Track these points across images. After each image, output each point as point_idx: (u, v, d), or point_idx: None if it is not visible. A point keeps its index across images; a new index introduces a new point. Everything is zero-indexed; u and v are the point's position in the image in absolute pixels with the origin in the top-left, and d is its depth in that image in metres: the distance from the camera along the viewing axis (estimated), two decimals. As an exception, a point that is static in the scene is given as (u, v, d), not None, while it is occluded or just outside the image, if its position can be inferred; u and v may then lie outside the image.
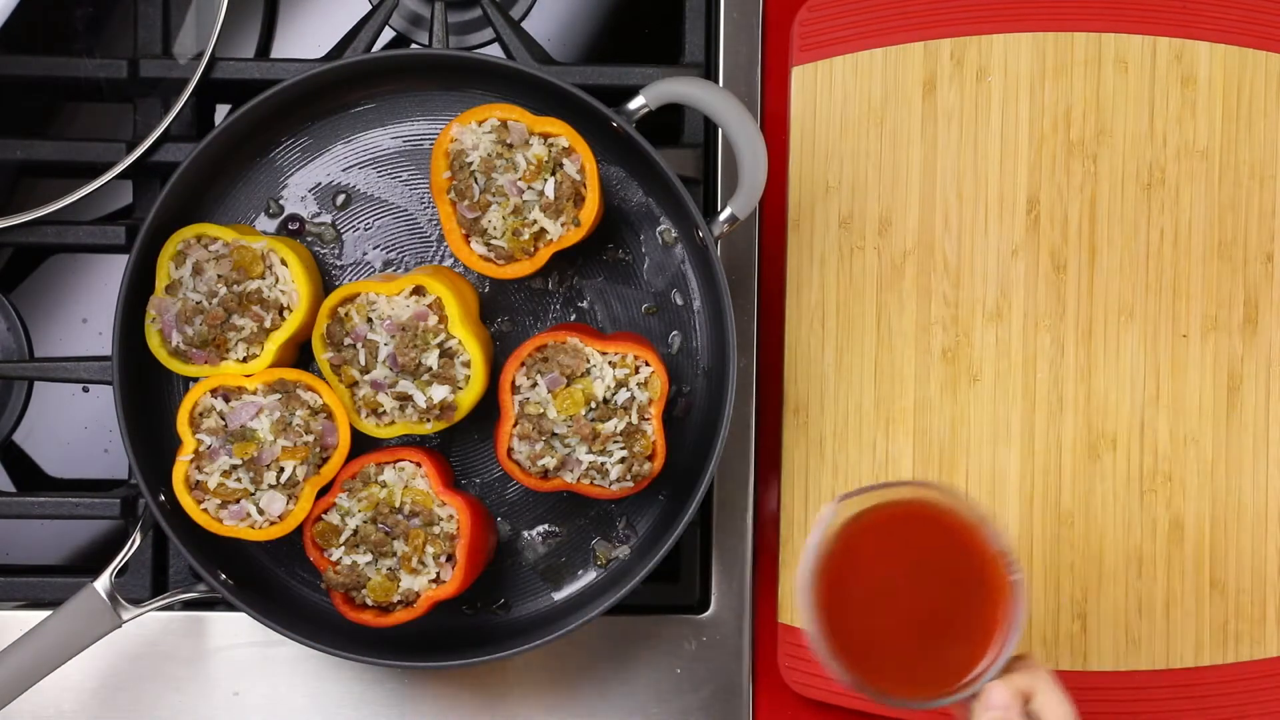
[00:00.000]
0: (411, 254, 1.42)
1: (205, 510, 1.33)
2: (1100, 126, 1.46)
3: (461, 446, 1.42)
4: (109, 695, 1.43)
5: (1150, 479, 1.45)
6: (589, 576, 1.42)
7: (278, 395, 1.33)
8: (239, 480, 1.32)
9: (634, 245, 1.42)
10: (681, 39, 1.48)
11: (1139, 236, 1.46)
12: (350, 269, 1.42)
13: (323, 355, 1.35)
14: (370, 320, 1.33)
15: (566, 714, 1.44)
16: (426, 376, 1.33)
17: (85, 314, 1.54)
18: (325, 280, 1.42)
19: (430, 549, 1.33)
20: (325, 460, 1.34)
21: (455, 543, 1.33)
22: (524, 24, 1.53)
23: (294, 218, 1.42)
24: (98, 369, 1.38)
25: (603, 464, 1.34)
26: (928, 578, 1.21)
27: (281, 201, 1.42)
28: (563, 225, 1.35)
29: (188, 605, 1.41)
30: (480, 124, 1.35)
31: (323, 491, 1.35)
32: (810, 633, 1.19)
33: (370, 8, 1.48)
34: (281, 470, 1.32)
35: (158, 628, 1.44)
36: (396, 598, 1.34)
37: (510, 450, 1.34)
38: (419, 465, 1.35)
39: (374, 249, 1.42)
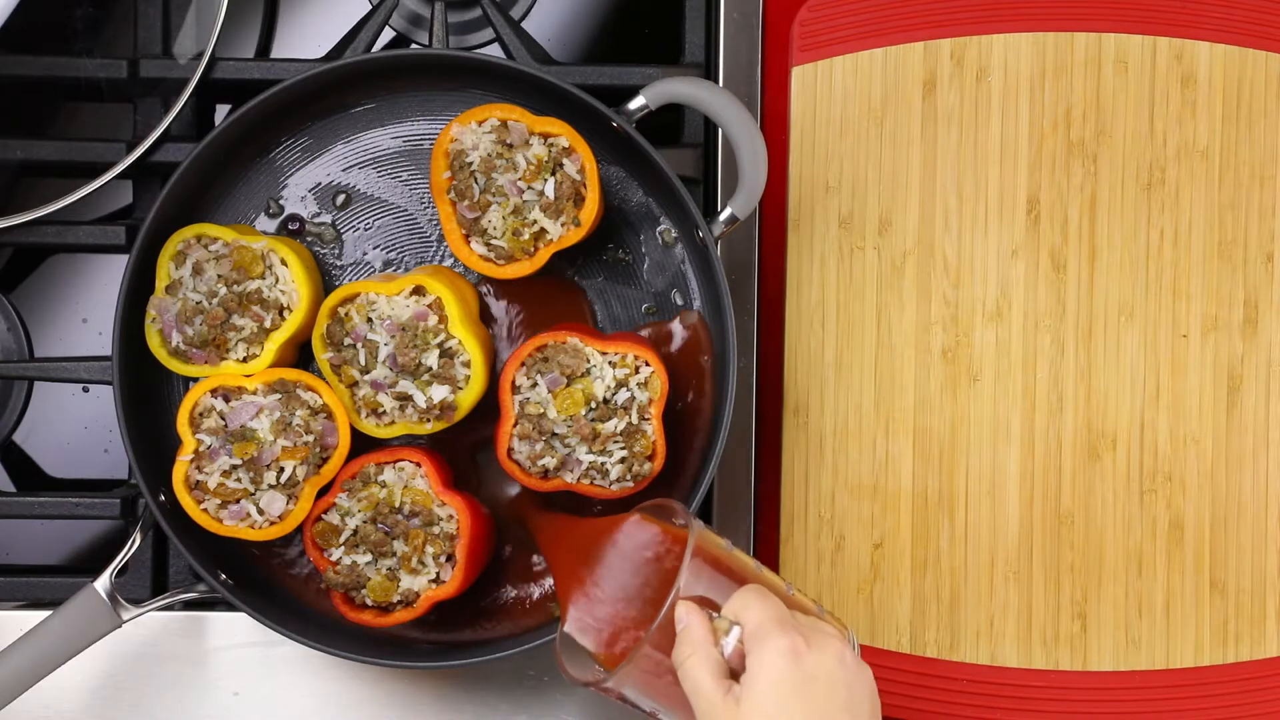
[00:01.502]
0: (411, 254, 1.42)
1: (205, 510, 1.33)
2: (1100, 126, 1.46)
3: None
4: (109, 695, 1.43)
5: (1150, 479, 1.45)
6: (589, 576, 1.42)
7: (278, 395, 1.33)
8: (239, 480, 1.32)
9: (634, 245, 1.42)
10: (681, 39, 1.48)
11: (1139, 236, 1.46)
12: (350, 269, 1.42)
13: (323, 355, 1.35)
14: (370, 320, 1.33)
15: (568, 714, 1.44)
16: (426, 376, 1.33)
17: (85, 314, 1.54)
18: (325, 280, 1.42)
19: (430, 549, 1.33)
20: (325, 460, 1.34)
21: (455, 543, 1.33)
22: (524, 24, 1.54)
23: (294, 218, 1.42)
24: (98, 369, 1.38)
25: (603, 464, 1.34)
26: (645, 570, 1.23)
27: (281, 201, 1.42)
28: (563, 225, 1.35)
29: (188, 605, 1.41)
30: (480, 124, 1.35)
31: (323, 491, 1.35)
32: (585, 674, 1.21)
33: (370, 8, 1.48)
34: (281, 470, 1.32)
35: (158, 628, 1.44)
36: (396, 598, 1.34)
37: (510, 450, 1.34)
38: (419, 465, 1.35)
39: (374, 249, 1.42)
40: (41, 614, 1.36)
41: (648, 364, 1.34)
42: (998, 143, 1.46)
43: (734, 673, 1.14)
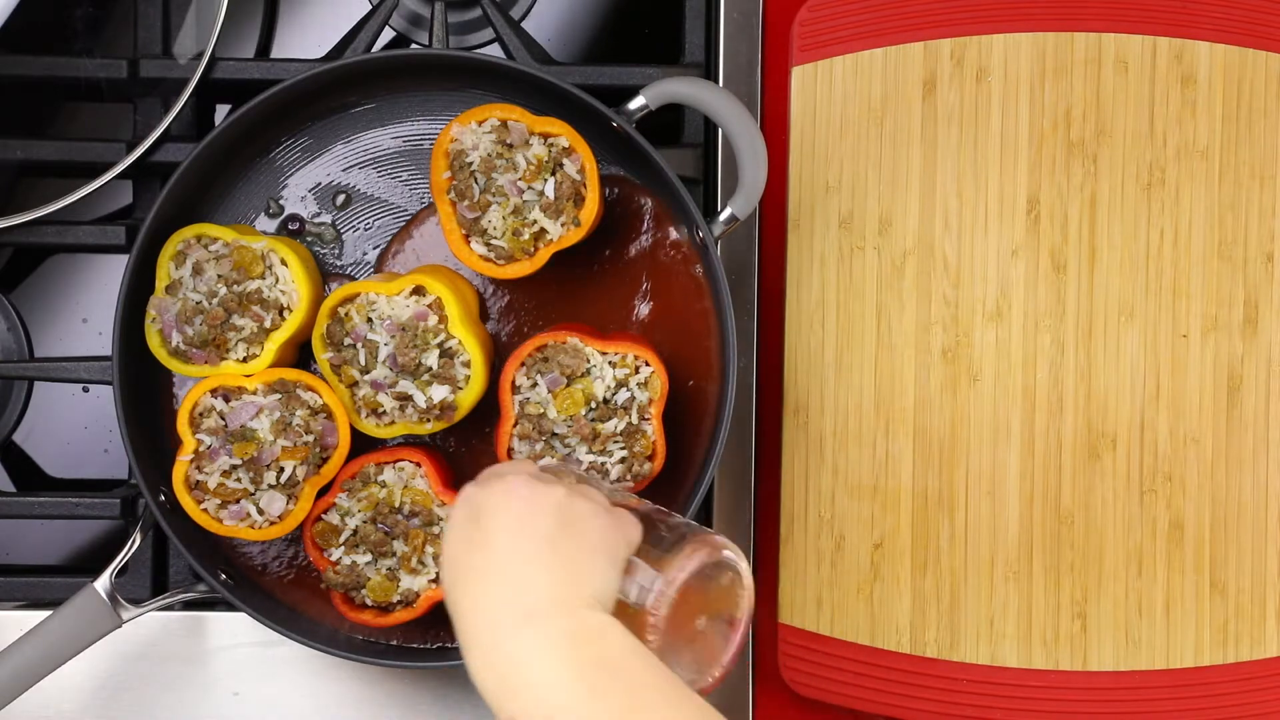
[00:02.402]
0: (411, 254, 1.42)
1: (205, 510, 1.33)
2: (1100, 126, 1.46)
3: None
4: (109, 695, 1.43)
5: (1150, 479, 1.45)
6: (589, 576, 1.42)
7: (278, 395, 1.33)
8: (239, 480, 1.32)
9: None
10: (681, 39, 1.48)
11: (1139, 236, 1.46)
12: (350, 269, 1.42)
13: (323, 355, 1.35)
14: (370, 320, 1.33)
15: (566, 714, 1.44)
16: (426, 376, 1.33)
17: (85, 314, 1.54)
18: (325, 280, 1.42)
19: (430, 549, 1.33)
20: (325, 460, 1.34)
21: (455, 543, 1.33)
22: (524, 24, 1.54)
23: (294, 218, 1.42)
24: (98, 369, 1.38)
25: (603, 464, 1.34)
26: None
27: (281, 201, 1.42)
28: (563, 225, 1.35)
29: (188, 605, 1.41)
30: (480, 124, 1.35)
31: (323, 491, 1.35)
32: None
33: (370, 8, 1.48)
34: (281, 470, 1.33)
35: (158, 628, 1.44)
36: (396, 598, 1.34)
37: (510, 450, 1.34)
38: (419, 465, 1.35)
39: (374, 249, 1.42)
40: (41, 614, 1.36)
41: (648, 364, 1.34)
42: (998, 143, 1.46)
43: None
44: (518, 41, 1.43)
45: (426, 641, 1.39)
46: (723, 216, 1.35)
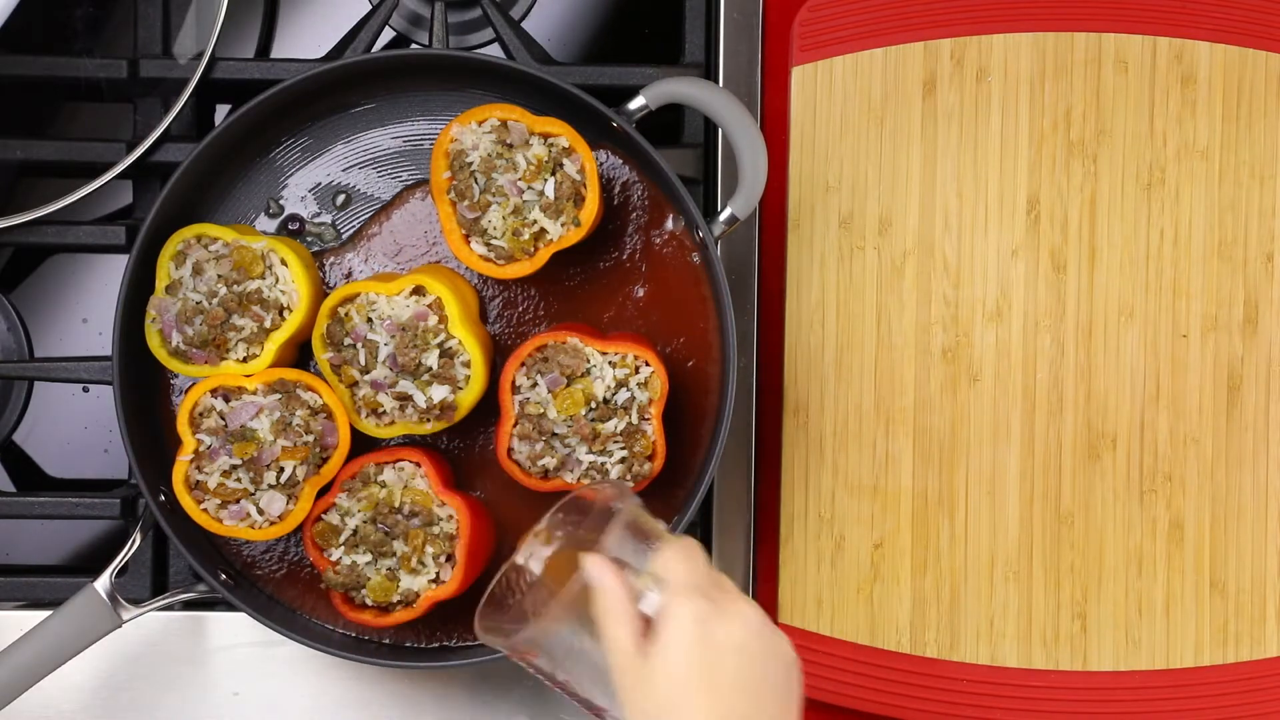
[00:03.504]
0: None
1: (205, 510, 1.33)
2: (1100, 126, 1.46)
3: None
4: (109, 695, 1.43)
5: (1150, 479, 1.45)
6: (589, 576, 1.42)
7: (278, 395, 1.33)
8: (239, 480, 1.32)
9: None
10: (681, 39, 1.48)
11: (1139, 236, 1.46)
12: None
13: (323, 355, 1.35)
14: (370, 320, 1.34)
15: (567, 714, 1.44)
16: (426, 376, 1.33)
17: (85, 314, 1.54)
18: (323, 278, 1.42)
19: (430, 549, 1.33)
20: (325, 460, 1.34)
21: (455, 543, 1.33)
22: (524, 24, 1.54)
23: (294, 218, 1.42)
24: (98, 369, 1.38)
25: (603, 464, 1.34)
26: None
27: (281, 201, 1.42)
28: (563, 225, 1.35)
29: (188, 605, 1.41)
30: (480, 124, 1.35)
31: (323, 491, 1.35)
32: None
33: (370, 8, 1.48)
34: (281, 470, 1.33)
35: (158, 628, 1.44)
36: (396, 598, 1.34)
37: (510, 450, 1.35)
38: (419, 465, 1.35)
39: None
40: (41, 614, 1.36)
41: (647, 364, 1.34)
42: (998, 143, 1.46)
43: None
44: (518, 41, 1.43)
45: (426, 641, 1.39)
46: (723, 216, 1.36)
